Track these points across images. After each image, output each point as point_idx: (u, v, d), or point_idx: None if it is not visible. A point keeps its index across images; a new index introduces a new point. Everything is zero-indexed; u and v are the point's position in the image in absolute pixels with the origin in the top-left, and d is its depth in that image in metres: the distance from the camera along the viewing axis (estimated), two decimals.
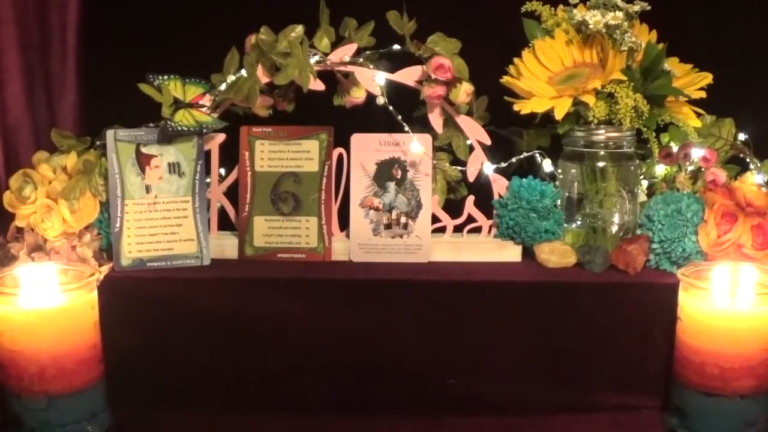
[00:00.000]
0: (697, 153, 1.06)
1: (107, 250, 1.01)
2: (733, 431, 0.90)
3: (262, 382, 1.00)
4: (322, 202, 1.05)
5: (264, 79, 1.01)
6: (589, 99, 0.95)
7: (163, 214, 1.01)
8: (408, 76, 1.02)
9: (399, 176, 1.04)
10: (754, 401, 0.89)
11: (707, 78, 1.00)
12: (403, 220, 1.04)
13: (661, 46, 0.97)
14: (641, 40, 0.98)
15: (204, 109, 1.02)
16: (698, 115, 1.00)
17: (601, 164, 1.02)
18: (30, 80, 1.14)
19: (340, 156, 1.05)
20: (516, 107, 0.99)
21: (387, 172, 1.04)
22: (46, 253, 0.97)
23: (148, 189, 1.01)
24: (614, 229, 1.03)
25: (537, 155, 1.07)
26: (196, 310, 0.98)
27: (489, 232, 1.06)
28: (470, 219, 1.06)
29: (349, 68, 1.02)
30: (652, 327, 0.97)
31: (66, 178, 0.98)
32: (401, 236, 1.04)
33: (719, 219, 0.98)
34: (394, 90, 1.02)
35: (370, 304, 0.98)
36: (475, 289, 0.98)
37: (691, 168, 1.07)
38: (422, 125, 1.04)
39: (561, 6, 1.02)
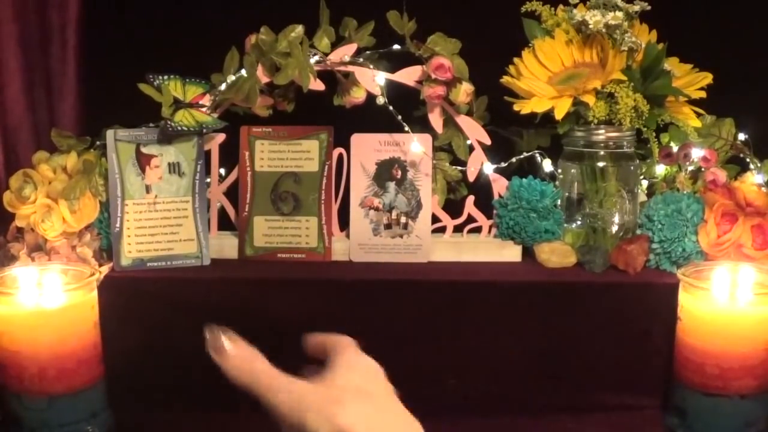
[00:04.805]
0: (697, 153, 1.06)
1: (107, 250, 1.01)
2: (733, 431, 0.90)
3: None
4: (322, 202, 1.05)
5: (264, 79, 1.01)
6: (589, 99, 0.95)
7: (163, 214, 1.01)
8: (408, 76, 1.02)
9: (399, 176, 1.04)
10: (754, 401, 0.89)
11: (707, 78, 1.00)
12: (403, 220, 1.04)
13: (661, 46, 0.97)
14: (641, 40, 0.98)
15: (204, 109, 1.02)
16: (698, 115, 1.00)
17: (601, 164, 1.02)
18: (30, 80, 1.14)
19: (340, 156, 1.05)
20: (516, 107, 0.99)
21: (387, 172, 1.04)
22: (46, 253, 0.97)
23: (148, 189, 1.01)
24: (614, 229, 1.03)
25: (537, 155, 1.07)
26: (196, 310, 0.98)
27: (489, 232, 1.06)
28: (470, 219, 1.06)
29: (349, 68, 1.02)
30: (652, 327, 0.97)
31: (66, 178, 0.98)
32: (401, 236, 1.04)
33: (719, 219, 0.98)
34: (394, 90, 1.02)
35: (370, 304, 0.98)
36: (475, 289, 0.98)
37: (691, 168, 1.07)
38: (422, 125, 1.04)
39: (561, 6, 1.02)
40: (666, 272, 1.00)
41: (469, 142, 1.04)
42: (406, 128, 1.02)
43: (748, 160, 1.09)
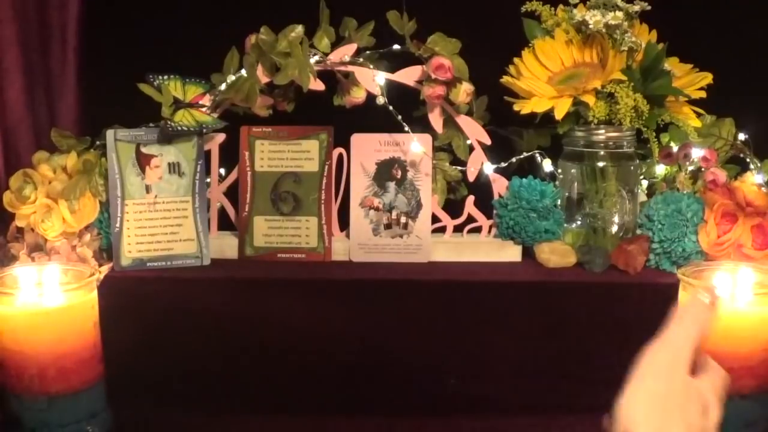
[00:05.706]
0: (697, 153, 1.06)
1: (107, 250, 1.01)
2: (733, 431, 0.90)
3: (262, 382, 1.00)
4: (322, 202, 1.05)
5: (264, 79, 1.01)
6: (589, 99, 0.95)
7: (163, 214, 1.01)
8: (408, 76, 1.02)
9: (399, 176, 1.04)
10: (754, 401, 0.89)
11: (707, 78, 1.00)
12: (403, 220, 1.04)
13: (661, 46, 0.97)
14: (641, 40, 0.98)
15: (204, 109, 1.02)
16: (698, 115, 1.00)
17: (601, 164, 1.02)
18: (30, 80, 1.14)
19: (340, 156, 1.05)
20: (516, 107, 0.99)
21: (387, 172, 1.04)
22: (46, 253, 0.97)
23: (148, 189, 1.01)
24: (614, 229, 1.03)
25: (537, 155, 1.07)
26: (196, 310, 0.98)
27: (489, 232, 1.06)
28: (470, 219, 1.06)
29: (349, 68, 1.02)
30: (652, 327, 0.97)
31: (66, 178, 0.98)
32: (401, 236, 1.04)
33: (719, 219, 0.98)
34: (394, 90, 1.02)
35: (370, 304, 0.98)
36: (475, 289, 0.98)
37: (691, 168, 1.07)
38: (422, 125, 1.04)
39: (561, 6, 1.02)
40: (666, 272, 1.00)
41: (469, 142, 1.04)
42: (406, 128, 1.02)
43: (748, 160, 1.09)
